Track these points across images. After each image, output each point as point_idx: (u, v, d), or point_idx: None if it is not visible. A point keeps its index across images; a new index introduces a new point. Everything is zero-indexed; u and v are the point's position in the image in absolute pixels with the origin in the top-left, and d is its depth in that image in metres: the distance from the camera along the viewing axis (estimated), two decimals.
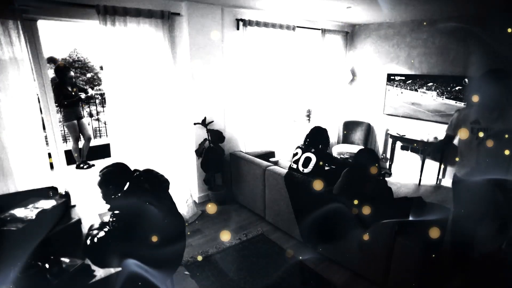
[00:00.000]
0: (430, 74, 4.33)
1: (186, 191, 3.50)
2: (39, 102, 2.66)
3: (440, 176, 4.49)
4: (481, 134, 2.11)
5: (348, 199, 2.40)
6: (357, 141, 5.23)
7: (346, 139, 5.35)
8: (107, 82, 2.91)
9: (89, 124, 5.77)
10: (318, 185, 2.53)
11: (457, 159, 2.35)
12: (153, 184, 1.83)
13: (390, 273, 2.27)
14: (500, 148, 2.04)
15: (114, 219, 1.66)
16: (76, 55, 14.59)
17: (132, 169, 1.91)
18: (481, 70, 2.13)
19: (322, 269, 2.62)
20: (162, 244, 1.71)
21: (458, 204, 2.40)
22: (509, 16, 3.46)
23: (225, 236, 3.07)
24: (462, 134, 2.20)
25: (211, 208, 3.62)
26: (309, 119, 5.58)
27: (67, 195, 2.00)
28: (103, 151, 5.13)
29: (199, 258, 2.74)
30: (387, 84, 4.85)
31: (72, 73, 4.50)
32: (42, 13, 2.57)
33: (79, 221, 1.83)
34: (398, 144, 4.82)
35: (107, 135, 6.17)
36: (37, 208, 1.66)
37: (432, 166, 4.55)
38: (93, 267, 1.54)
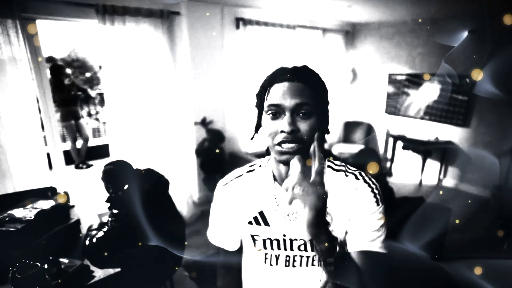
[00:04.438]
0: (430, 73, 4.33)
1: (186, 191, 3.49)
2: (37, 101, 2.65)
3: (441, 176, 4.48)
4: None
5: None
6: (357, 141, 5.22)
7: (346, 139, 5.34)
8: (106, 82, 2.90)
9: (87, 124, 5.75)
10: None
11: None
12: (153, 184, 1.81)
13: None
14: None
15: (113, 219, 1.65)
16: (75, 55, 14.57)
17: (134, 169, 1.90)
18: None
19: None
20: (162, 244, 1.70)
21: None
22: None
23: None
24: None
25: None
26: None
27: (66, 195, 1.98)
28: (102, 151, 5.11)
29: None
30: (388, 84, 4.84)
31: (70, 72, 4.49)
32: (41, 12, 2.55)
33: (78, 222, 1.82)
34: (399, 144, 4.81)
35: (106, 135, 6.15)
36: (35, 208, 1.64)
37: (433, 166, 4.54)
38: (92, 267, 1.53)
